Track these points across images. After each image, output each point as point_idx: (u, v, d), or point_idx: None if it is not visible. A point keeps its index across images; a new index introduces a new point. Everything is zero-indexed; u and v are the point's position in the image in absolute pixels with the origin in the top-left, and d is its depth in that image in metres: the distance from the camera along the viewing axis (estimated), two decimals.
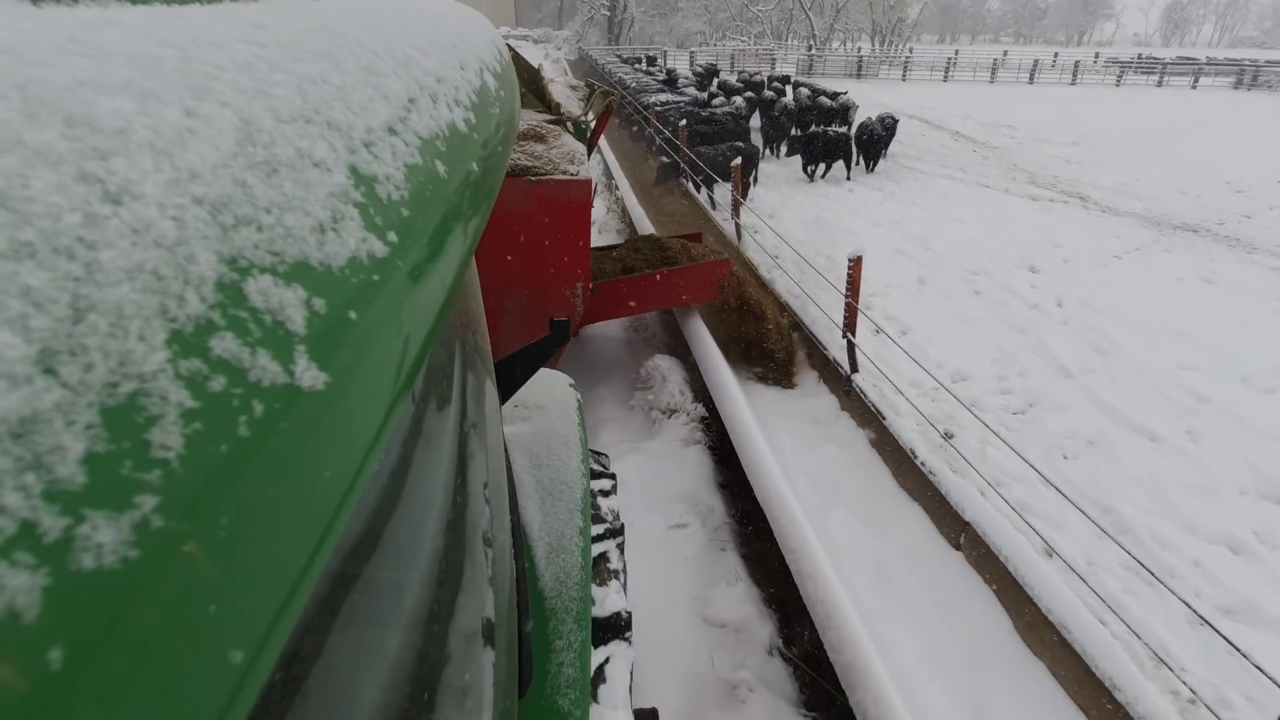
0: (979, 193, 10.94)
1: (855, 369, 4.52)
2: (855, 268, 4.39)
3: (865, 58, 35.65)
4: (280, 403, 0.22)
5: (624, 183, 9.54)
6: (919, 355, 4.24)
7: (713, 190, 9.00)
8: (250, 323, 0.23)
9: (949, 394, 3.34)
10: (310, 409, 0.23)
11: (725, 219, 7.76)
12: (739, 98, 14.91)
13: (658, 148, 10.51)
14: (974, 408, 3.40)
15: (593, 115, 4.42)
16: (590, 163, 4.01)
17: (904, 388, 4.10)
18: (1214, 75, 34.15)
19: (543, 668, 1.23)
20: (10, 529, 0.15)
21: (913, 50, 44.10)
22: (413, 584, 0.50)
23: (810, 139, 10.93)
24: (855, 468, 4.03)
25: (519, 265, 3.72)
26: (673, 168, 9.61)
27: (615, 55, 28.82)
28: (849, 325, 4.52)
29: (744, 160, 8.76)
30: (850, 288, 4.43)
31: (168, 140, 0.24)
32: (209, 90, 0.27)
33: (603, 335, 5.71)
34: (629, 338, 5.80)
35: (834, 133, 11.00)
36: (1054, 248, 8.14)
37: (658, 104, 12.52)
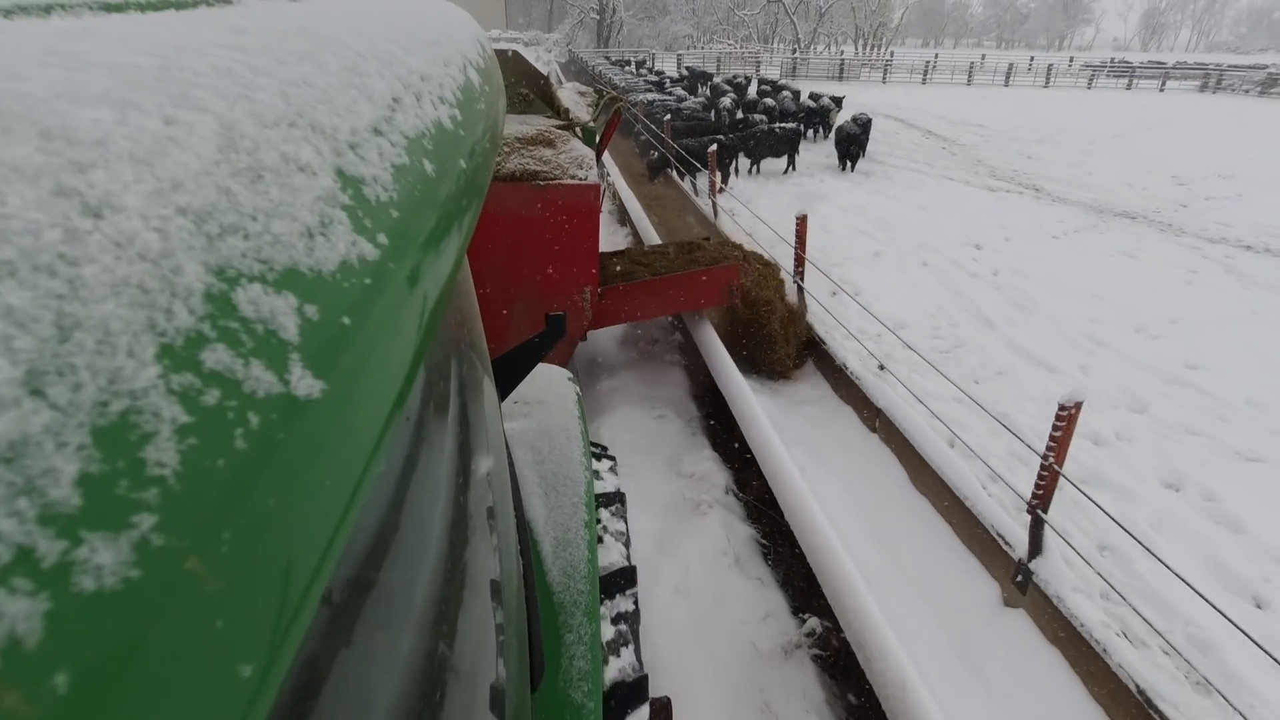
0: (942, 184, 11.91)
1: (802, 303, 5.49)
2: (801, 224, 5.33)
3: (847, 61, 36.82)
4: (277, 413, 0.22)
5: (614, 169, 10.49)
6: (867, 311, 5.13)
7: (695, 177, 9.91)
8: (242, 333, 0.22)
9: (891, 335, 4.19)
10: (308, 418, 0.23)
11: (706, 203, 8.68)
12: (726, 98, 15.85)
13: (644, 141, 11.42)
14: (908, 347, 4.30)
15: (601, 121, 4.47)
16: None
17: (853, 332, 5.00)
18: (1181, 79, 35.67)
19: (554, 661, 1.23)
20: (6, 555, 0.15)
21: (893, 54, 45.31)
22: (420, 585, 0.50)
23: (760, 135, 11.49)
24: (806, 386, 4.96)
25: (527, 269, 3.74)
26: (662, 161, 10.52)
27: (604, 58, 29.82)
28: (799, 273, 5.46)
29: (721, 149, 9.69)
30: (798, 241, 5.35)
31: (148, 150, 0.23)
32: (189, 97, 0.27)
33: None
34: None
35: (781, 129, 11.67)
36: (1000, 229, 9.12)
37: (644, 102, 13.47)
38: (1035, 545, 3.19)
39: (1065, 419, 3.02)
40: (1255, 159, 14.90)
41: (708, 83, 18.67)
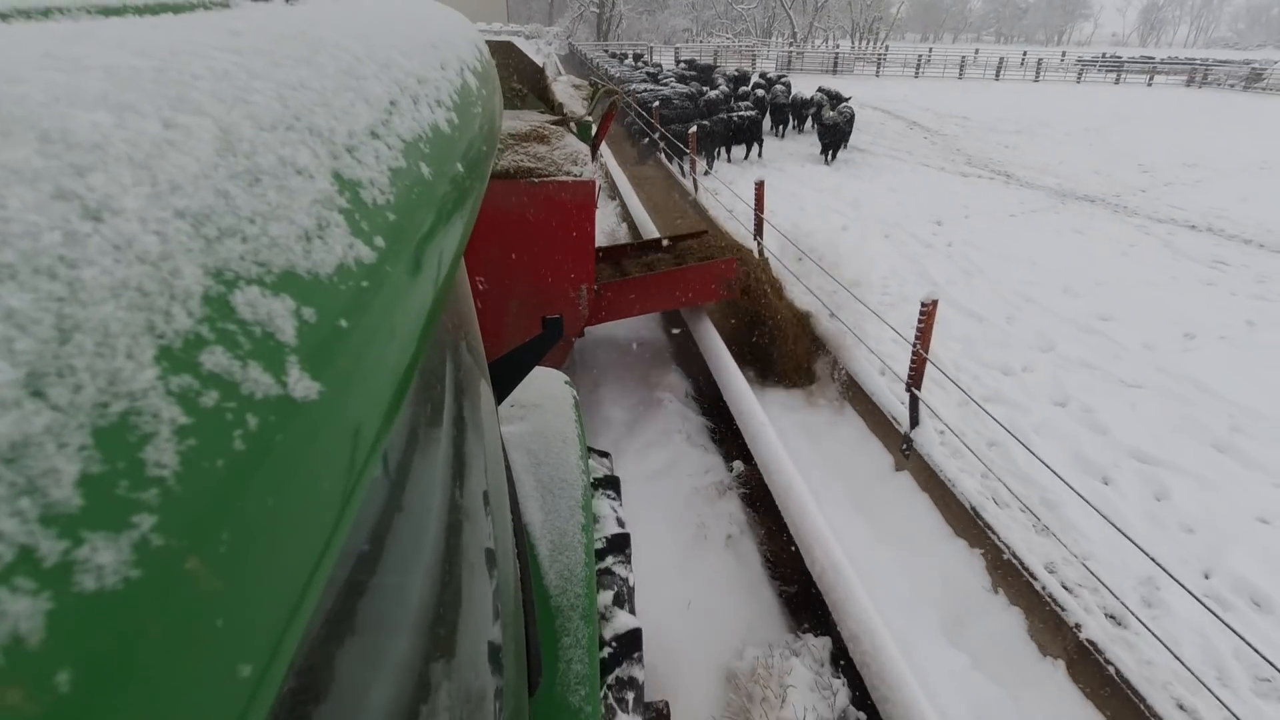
0: (917, 170, 12.69)
1: (762, 257, 6.36)
2: (759, 189, 6.34)
3: (841, 55, 37.53)
4: (274, 415, 0.22)
5: (606, 151, 11.28)
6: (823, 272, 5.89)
7: (682, 159, 10.71)
8: (240, 335, 0.22)
9: (845, 291, 4.96)
10: (305, 419, 0.24)
11: (690, 183, 9.46)
12: (715, 91, 16.57)
13: (636, 127, 12.21)
14: (857, 299, 5.05)
15: (597, 114, 4.44)
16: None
17: (811, 289, 5.77)
18: (1168, 74, 36.38)
19: (552, 665, 1.24)
20: (8, 555, 0.15)
21: (888, 48, 46.06)
22: (417, 588, 0.50)
23: (725, 122, 12.03)
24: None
25: (522, 267, 3.71)
26: (651, 145, 11.29)
27: (603, 50, 30.56)
28: (758, 231, 6.42)
29: (701, 133, 10.48)
30: (756, 203, 6.38)
31: (146, 153, 0.23)
32: (187, 100, 0.27)
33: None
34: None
35: (740, 117, 12.22)
36: (963, 209, 9.92)
37: (639, 90, 14.22)
38: (914, 418, 4.17)
39: (925, 314, 3.96)
40: (1223, 150, 15.57)
41: (714, 76, 19.32)
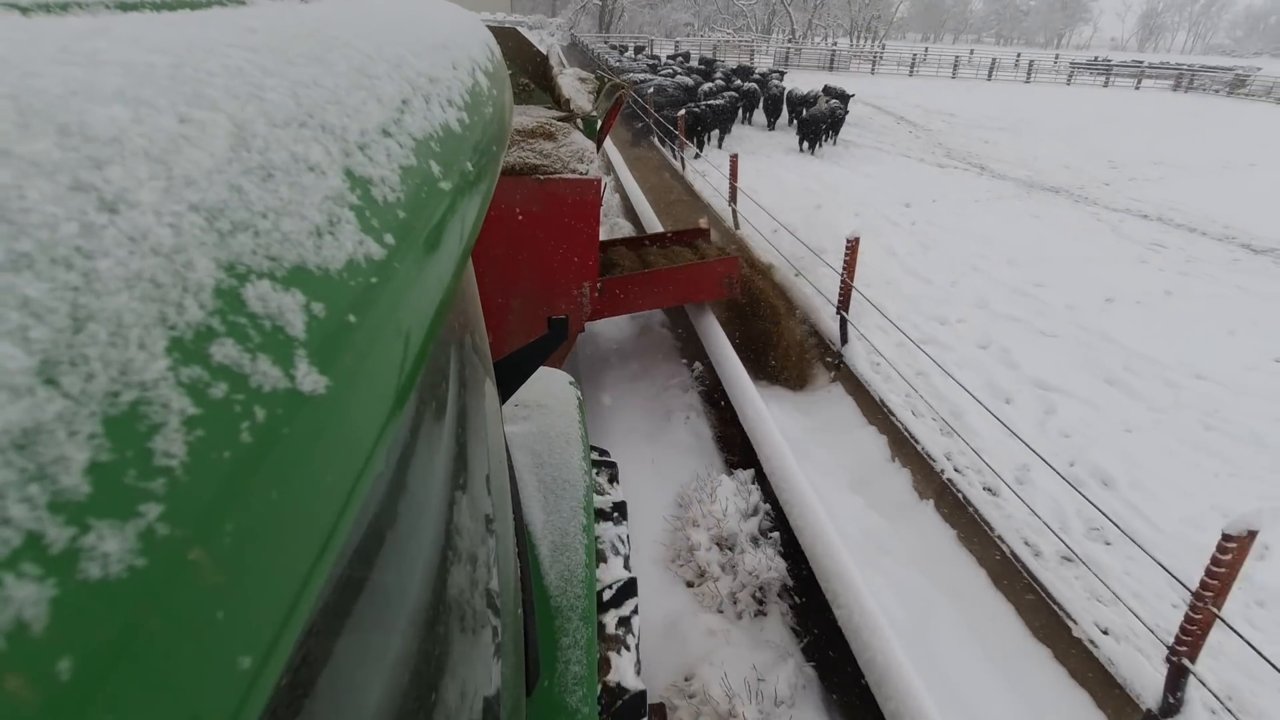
0: (897, 160, 13.53)
1: (738, 226, 7.51)
2: (733, 161, 7.53)
3: (838, 52, 38.32)
4: (282, 408, 0.23)
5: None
6: (798, 247, 6.65)
7: (674, 145, 11.52)
8: (250, 328, 0.23)
9: (811, 255, 5.72)
10: (312, 413, 0.24)
11: (680, 165, 10.27)
12: (707, 83, 17.34)
13: (631, 113, 13.03)
14: (824, 263, 5.81)
15: (603, 109, 4.46)
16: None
17: (783, 253, 6.58)
18: (1156, 78, 37.32)
19: (550, 665, 1.25)
20: (16, 540, 0.15)
21: (884, 46, 46.86)
22: (417, 585, 0.50)
23: (702, 112, 12.87)
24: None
25: (527, 264, 3.72)
26: (645, 130, 12.09)
27: (604, 42, 31.35)
28: (732, 198, 7.49)
29: (691, 118, 11.30)
30: (731, 174, 7.50)
31: (162, 147, 0.24)
32: (202, 96, 0.28)
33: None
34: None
35: (710, 105, 13.05)
36: (932, 194, 10.76)
37: (635, 80, 15.04)
38: (844, 335, 5.30)
39: (850, 249, 5.03)
40: (1191, 150, 16.46)
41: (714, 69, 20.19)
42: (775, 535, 3.44)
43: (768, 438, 3.79)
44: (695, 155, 10.25)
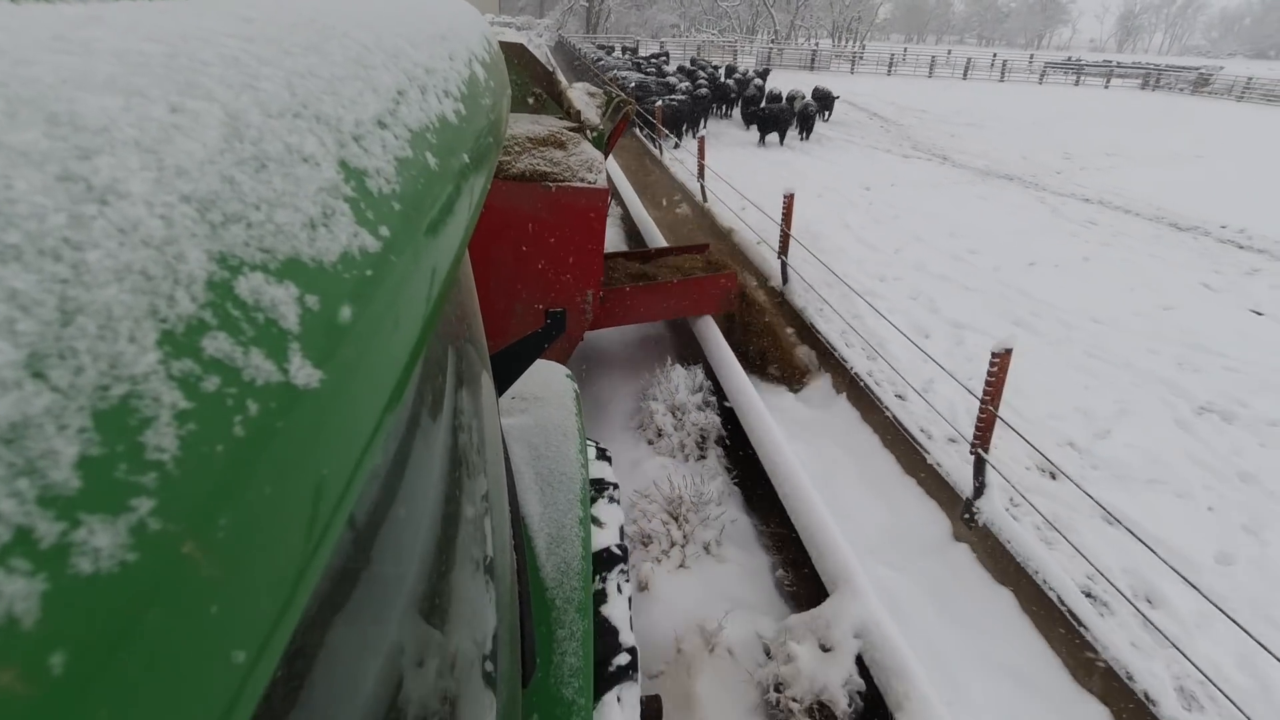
0: (865, 151, 14.42)
1: (705, 199, 8.31)
2: (701, 142, 8.28)
3: (819, 52, 39.40)
4: (275, 402, 0.22)
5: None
6: (762, 219, 7.45)
7: (653, 130, 12.45)
8: (242, 321, 0.23)
9: (782, 231, 6.57)
10: (306, 407, 0.24)
11: (661, 155, 11.18)
12: (687, 83, 18.23)
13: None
14: (788, 233, 6.62)
15: (610, 124, 4.54)
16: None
17: (750, 225, 7.46)
18: (1123, 77, 38.63)
19: (546, 658, 1.26)
20: (5, 535, 0.15)
21: (864, 47, 48.03)
22: (413, 578, 0.51)
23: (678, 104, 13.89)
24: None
25: (532, 268, 3.79)
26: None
27: (590, 42, 32.32)
28: (700, 174, 8.33)
29: (668, 110, 12.24)
30: (700, 154, 8.26)
31: (154, 137, 0.24)
32: (195, 85, 0.27)
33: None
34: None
35: (677, 101, 13.97)
36: (892, 180, 11.66)
37: (619, 77, 16.00)
38: (784, 275, 6.13)
39: (786, 203, 5.78)
40: (1144, 143, 17.12)
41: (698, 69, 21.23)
42: (714, 401, 4.47)
43: (714, 340, 4.81)
44: (675, 145, 11.16)
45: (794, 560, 3.33)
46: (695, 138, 13.85)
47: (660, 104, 11.07)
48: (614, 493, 2.00)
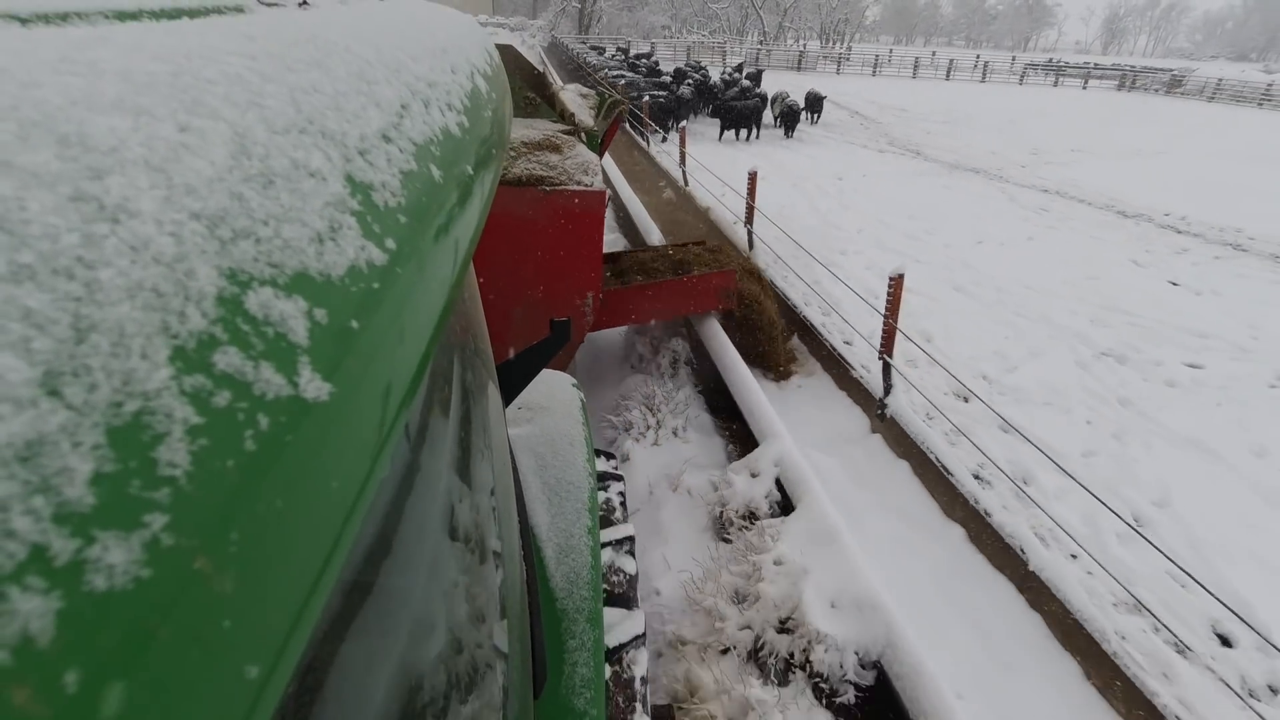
0: (842, 146, 15.30)
1: (687, 184, 9.21)
2: (682, 132, 9.31)
3: (806, 53, 40.33)
4: (285, 415, 0.23)
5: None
6: (738, 202, 8.23)
7: (642, 125, 13.30)
8: (252, 336, 0.23)
9: (747, 204, 7.39)
10: (316, 420, 0.24)
11: (650, 148, 12.02)
12: (683, 83, 19.03)
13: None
14: (763, 215, 7.32)
15: (604, 124, 4.55)
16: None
17: (729, 207, 8.28)
18: (1101, 78, 39.72)
19: (557, 668, 1.25)
20: (21, 553, 0.15)
21: (850, 48, 49.08)
22: (423, 590, 0.51)
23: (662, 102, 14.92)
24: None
25: (531, 273, 3.78)
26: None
27: (581, 43, 33.19)
28: (682, 161, 9.27)
29: (655, 105, 13.09)
30: (680, 143, 9.34)
31: (162, 156, 0.24)
32: (202, 104, 0.28)
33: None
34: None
35: (663, 97, 14.98)
36: (863, 171, 12.54)
37: (610, 75, 16.87)
38: (750, 242, 6.87)
39: (750, 182, 6.71)
40: (1110, 140, 17.96)
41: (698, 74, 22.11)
42: (684, 331, 5.41)
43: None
44: (663, 139, 12.02)
45: (741, 437, 4.31)
46: (677, 129, 14.84)
47: (647, 99, 11.95)
48: (630, 547, 2.03)
